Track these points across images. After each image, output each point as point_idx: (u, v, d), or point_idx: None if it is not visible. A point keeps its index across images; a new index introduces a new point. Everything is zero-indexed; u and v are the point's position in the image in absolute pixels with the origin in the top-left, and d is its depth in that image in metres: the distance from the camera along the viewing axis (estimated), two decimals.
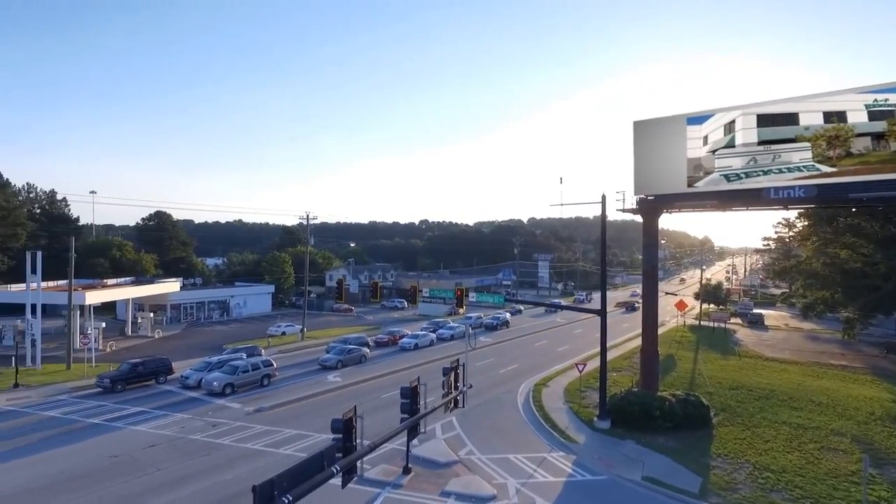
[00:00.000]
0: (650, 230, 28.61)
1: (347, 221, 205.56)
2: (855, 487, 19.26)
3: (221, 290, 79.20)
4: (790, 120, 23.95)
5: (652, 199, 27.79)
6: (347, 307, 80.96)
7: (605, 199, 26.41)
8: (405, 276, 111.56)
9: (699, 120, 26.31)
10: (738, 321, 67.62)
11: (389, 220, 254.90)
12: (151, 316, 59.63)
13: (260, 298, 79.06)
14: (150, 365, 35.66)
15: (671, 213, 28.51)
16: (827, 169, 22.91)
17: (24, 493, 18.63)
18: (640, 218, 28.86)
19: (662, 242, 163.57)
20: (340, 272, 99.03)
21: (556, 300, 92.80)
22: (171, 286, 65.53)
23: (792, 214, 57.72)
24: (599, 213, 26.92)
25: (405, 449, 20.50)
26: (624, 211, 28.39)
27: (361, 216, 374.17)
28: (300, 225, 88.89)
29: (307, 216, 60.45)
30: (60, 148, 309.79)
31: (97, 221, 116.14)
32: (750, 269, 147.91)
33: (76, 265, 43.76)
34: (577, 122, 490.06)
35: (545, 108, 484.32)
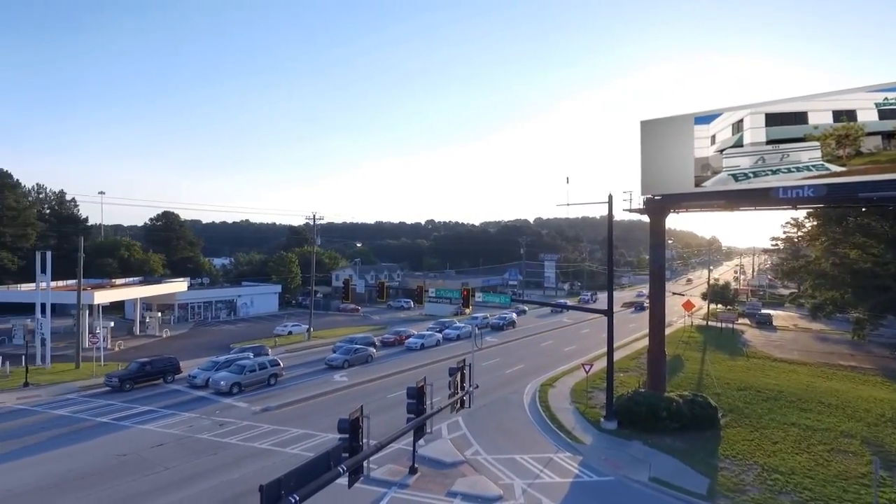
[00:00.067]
0: (657, 230, 28.48)
1: (354, 222, 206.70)
2: (865, 490, 19.09)
3: (228, 289, 79.60)
4: (799, 119, 23.73)
5: (659, 198, 27.64)
6: (354, 307, 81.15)
7: (611, 199, 26.32)
8: (411, 276, 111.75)
9: (707, 119, 26.13)
10: (746, 322, 67.23)
11: (396, 220, 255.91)
12: (159, 315, 60.04)
13: (267, 298, 79.44)
14: (157, 364, 35.89)
15: (678, 212, 28.36)
16: (836, 168, 22.68)
17: (33, 490, 18.80)
18: (647, 218, 28.75)
19: (669, 242, 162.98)
20: (347, 272, 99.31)
21: (562, 300, 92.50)
22: (178, 286, 66.01)
23: (801, 214, 57.34)
24: (606, 212, 26.86)
25: (411, 449, 20.50)
26: (631, 211, 28.28)
27: (368, 216, 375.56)
28: (307, 225, 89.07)
29: (314, 216, 60.67)
30: (70, 149, 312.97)
31: (106, 222, 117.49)
32: (758, 269, 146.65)
33: (85, 265, 44.11)
34: (582, 122, 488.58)
35: (551, 108, 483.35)
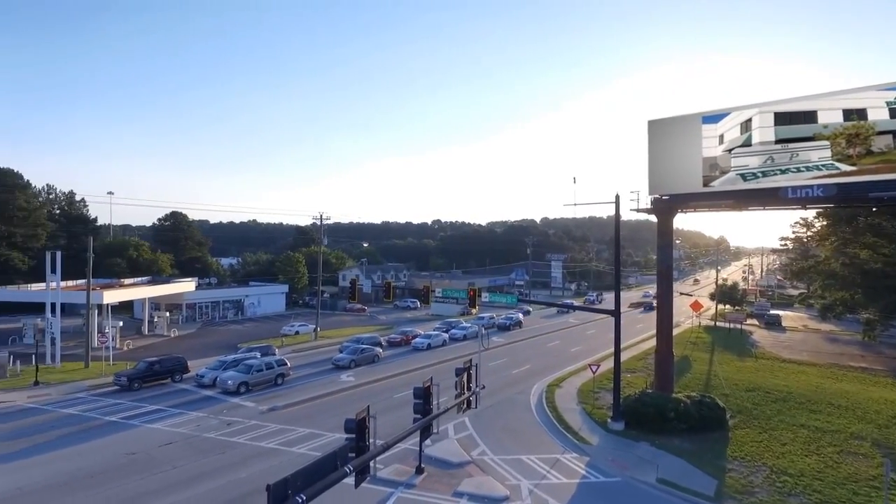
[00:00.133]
0: (665, 230, 28.36)
1: (360, 221, 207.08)
2: (876, 493, 18.89)
3: (236, 289, 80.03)
4: (808, 118, 23.53)
5: (667, 198, 27.50)
6: (360, 307, 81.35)
7: (618, 198, 26.21)
8: (418, 275, 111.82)
9: (715, 118, 25.96)
10: (754, 322, 66.70)
11: (402, 220, 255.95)
12: (167, 315, 60.41)
13: (274, 298, 79.81)
14: (166, 363, 36.14)
15: (686, 212, 28.20)
16: (846, 168, 22.47)
17: (43, 489, 18.96)
18: (654, 218, 28.63)
19: (677, 242, 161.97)
20: (353, 272, 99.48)
21: (568, 300, 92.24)
22: (186, 286, 66.45)
23: (810, 214, 57.08)
24: (613, 212, 26.69)
25: (418, 449, 20.51)
26: (638, 211, 28.16)
27: (374, 216, 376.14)
28: (313, 225, 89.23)
29: (320, 216, 60.89)
30: (78, 149, 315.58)
31: (114, 222, 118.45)
32: (767, 269, 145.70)
33: (94, 265, 44.48)
34: (587, 122, 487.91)
35: (556, 107, 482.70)
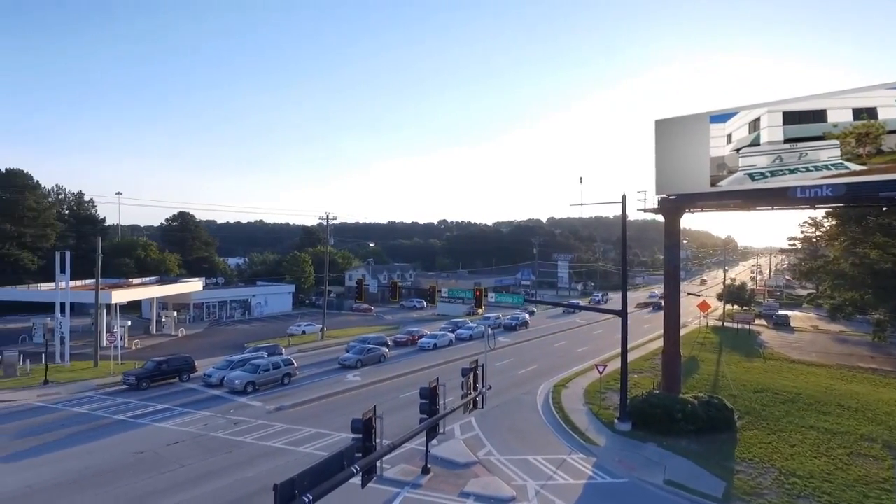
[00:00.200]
0: (672, 230, 28.19)
1: (367, 222, 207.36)
2: (886, 495, 18.73)
3: (243, 289, 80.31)
4: (818, 117, 23.31)
5: (674, 198, 27.36)
6: (367, 307, 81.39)
7: (625, 198, 26.10)
8: (424, 275, 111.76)
9: (722, 118, 25.79)
10: (762, 322, 66.25)
11: (408, 220, 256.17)
12: (175, 315, 60.75)
13: (281, 298, 79.97)
14: (173, 363, 36.34)
15: (693, 212, 28.02)
16: (856, 167, 22.25)
17: (52, 487, 19.13)
18: (661, 218, 28.47)
19: (684, 242, 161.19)
20: (360, 272, 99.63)
21: (575, 301, 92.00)
22: (194, 286, 66.67)
23: (819, 214, 56.42)
24: (620, 212, 26.65)
25: (424, 449, 20.50)
26: (645, 211, 28.02)
27: (380, 216, 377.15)
28: (320, 225, 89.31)
29: (327, 216, 60.90)
30: (88, 151, 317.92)
31: (123, 222, 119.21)
32: (775, 269, 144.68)
33: (103, 265, 44.81)
34: (594, 122, 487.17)
35: (562, 108, 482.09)
